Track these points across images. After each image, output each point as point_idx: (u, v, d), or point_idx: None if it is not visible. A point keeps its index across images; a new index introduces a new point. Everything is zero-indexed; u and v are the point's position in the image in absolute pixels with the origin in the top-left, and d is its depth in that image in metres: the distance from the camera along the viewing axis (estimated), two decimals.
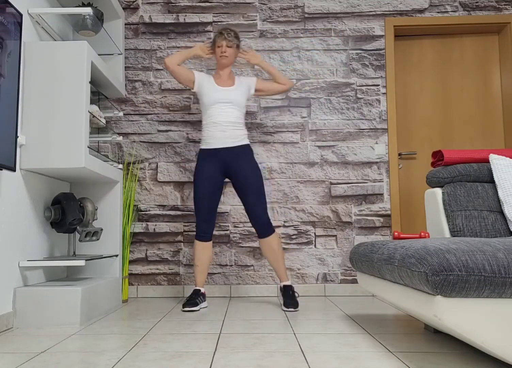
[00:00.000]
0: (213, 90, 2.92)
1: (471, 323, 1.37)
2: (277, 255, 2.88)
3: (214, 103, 2.91)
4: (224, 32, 2.93)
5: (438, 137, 3.67)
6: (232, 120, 2.90)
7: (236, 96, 2.92)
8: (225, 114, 2.89)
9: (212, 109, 2.91)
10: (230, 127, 2.90)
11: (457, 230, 2.24)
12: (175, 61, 2.93)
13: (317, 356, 1.73)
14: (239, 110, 2.94)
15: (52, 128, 2.48)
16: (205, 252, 2.91)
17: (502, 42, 3.66)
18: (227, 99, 2.91)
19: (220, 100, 2.90)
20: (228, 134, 2.89)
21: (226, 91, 2.92)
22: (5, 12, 2.27)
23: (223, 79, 3.00)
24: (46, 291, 2.40)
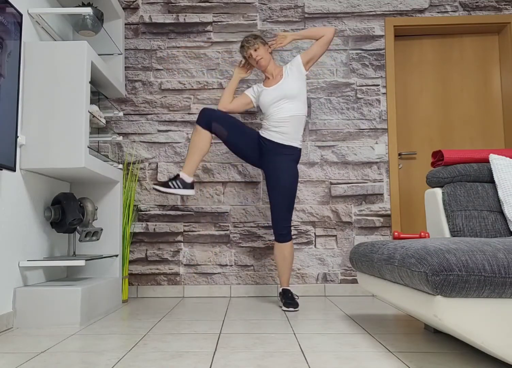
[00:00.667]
0: (265, 96, 2.90)
1: (471, 323, 1.37)
2: (287, 262, 2.87)
3: (269, 106, 2.89)
4: (244, 43, 2.93)
5: (438, 137, 3.67)
6: (285, 116, 2.84)
7: (286, 89, 2.85)
8: (279, 112, 2.85)
9: (270, 110, 2.89)
10: (281, 124, 2.85)
11: (457, 230, 2.24)
12: (227, 102, 2.95)
13: (317, 356, 1.73)
14: (293, 101, 2.85)
15: (52, 128, 2.48)
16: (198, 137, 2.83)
17: (502, 42, 3.66)
18: (278, 96, 2.86)
19: (273, 100, 2.87)
20: (278, 130, 2.85)
21: (275, 89, 2.88)
22: (5, 12, 2.27)
23: (270, 79, 2.98)
24: (46, 291, 2.40)
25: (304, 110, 2.90)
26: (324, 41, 2.88)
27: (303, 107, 2.89)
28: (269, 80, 2.98)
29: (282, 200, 2.81)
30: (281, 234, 2.83)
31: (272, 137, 2.87)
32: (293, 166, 2.86)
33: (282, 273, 2.89)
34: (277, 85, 2.91)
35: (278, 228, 2.83)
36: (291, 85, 2.86)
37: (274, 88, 2.90)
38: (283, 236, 2.83)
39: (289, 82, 2.88)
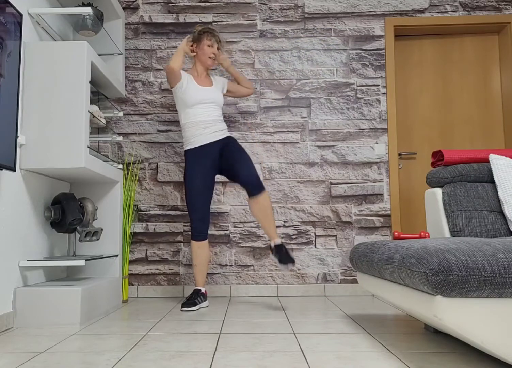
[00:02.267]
0: (196, 90, 2.93)
1: (471, 323, 1.37)
2: (268, 213, 2.84)
3: (197, 103, 2.92)
4: (216, 34, 2.96)
5: (438, 137, 3.67)
6: (214, 118, 2.95)
7: (217, 95, 2.99)
8: (207, 114, 2.93)
9: (194, 108, 2.93)
10: (213, 125, 2.94)
11: (457, 230, 2.24)
12: (180, 64, 2.93)
13: (317, 356, 1.73)
14: (219, 108, 3.01)
15: (52, 128, 2.48)
16: (202, 251, 2.92)
17: (502, 42, 3.66)
18: (210, 99, 2.94)
19: (203, 100, 2.93)
20: (211, 129, 2.93)
21: (208, 91, 2.96)
22: (5, 12, 2.27)
23: (202, 79, 3.03)
24: (46, 291, 2.40)
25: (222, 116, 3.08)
26: (245, 93, 3.19)
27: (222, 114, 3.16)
28: (199, 78, 3.02)
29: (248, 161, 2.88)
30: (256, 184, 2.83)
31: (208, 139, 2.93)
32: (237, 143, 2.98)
33: (267, 226, 2.84)
34: (210, 88, 2.99)
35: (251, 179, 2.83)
36: (220, 95, 3.03)
37: (207, 89, 2.97)
38: (259, 186, 2.83)
39: (218, 91, 3.03)
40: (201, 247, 2.91)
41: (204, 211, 2.90)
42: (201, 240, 2.91)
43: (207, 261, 2.95)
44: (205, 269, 2.95)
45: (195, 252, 2.92)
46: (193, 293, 2.88)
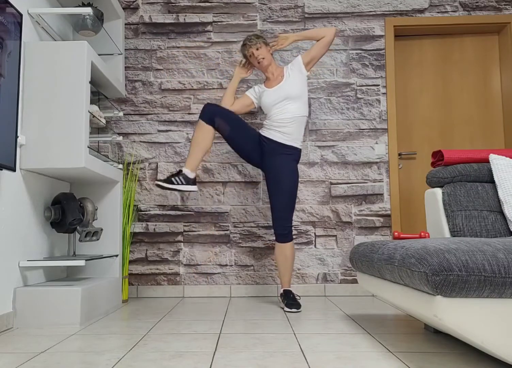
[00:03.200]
0: (266, 97, 2.90)
1: (471, 323, 1.37)
2: (288, 263, 2.85)
3: (271, 107, 2.89)
4: (246, 42, 2.93)
5: (438, 137, 3.67)
6: (287, 117, 2.85)
7: (287, 89, 2.86)
8: (281, 112, 2.86)
9: (272, 111, 2.89)
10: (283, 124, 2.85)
11: (457, 230, 2.24)
12: (228, 104, 2.94)
13: (317, 356, 1.73)
14: (295, 102, 2.85)
15: (52, 128, 2.48)
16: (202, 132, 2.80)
17: (502, 42, 3.66)
18: (280, 97, 2.86)
19: (274, 101, 2.87)
20: (280, 130, 2.86)
21: (277, 90, 2.89)
22: (5, 12, 2.27)
23: (271, 80, 2.98)
24: (46, 291, 2.40)
25: (306, 111, 2.90)
26: (325, 42, 2.89)
27: (304, 108, 2.89)
28: (270, 81, 2.98)
29: (283, 199, 2.80)
30: (282, 234, 2.82)
31: (274, 136, 2.87)
32: (294, 165, 2.86)
33: (283, 273, 2.88)
34: (278, 86, 2.91)
35: (279, 227, 2.81)
36: (292, 86, 2.86)
37: (276, 89, 2.90)
38: (284, 236, 2.82)
39: (290, 83, 2.88)
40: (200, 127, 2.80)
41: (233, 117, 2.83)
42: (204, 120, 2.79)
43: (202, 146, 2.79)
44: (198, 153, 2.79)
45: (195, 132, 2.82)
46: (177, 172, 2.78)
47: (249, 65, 3.04)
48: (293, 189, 2.82)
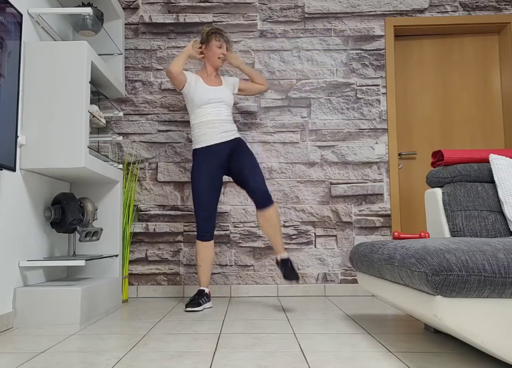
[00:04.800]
0: (204, 90, 2.94)
1: (471, 323, 1.37)
2: (276, 228, 2.84)
3: (205, 103, 2.92)
4: (224, 34, 2.97)
5: (438, 137, 3.67)
6: (223, 118, 2.95)
7: (226, 95, 2.98)
8: (216, 113, 2.93)
9: (203, 108, 2.93)
10: (222, 124, 2.93)
11: (457, 230, 2.24)
12: (180, 68, 2.93)
13: (317, 356, 1.73)
14: (229, 108, 3.00)
15: (52, 128, 2.48)
16: (207, 251, 2.91)
17: (502, 42, 3.66)
18: (219, 99, 2.94)
19: (212, 100, 2.93)
20: (220, 129, 2.92)
21: (217, 91, 2.96)
22: (5, 12, 2.27)
23: (211, 79, 3.04)
24: (46, 291, 2.40)
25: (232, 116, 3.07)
26: (260, 89, 3.17)
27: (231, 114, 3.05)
28: (208, 78, 3.03)
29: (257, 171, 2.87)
30: (264, 197, 2.81)
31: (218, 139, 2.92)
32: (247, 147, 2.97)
33: (274, 240, 2.84)
34: (218, 87, 2.99)
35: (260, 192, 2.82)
36: (229, 94, 3.02)
37: (216, 89, 2.97)
38: (267, 200, 2.82)
39: (227, 91, 3.02)
40: (206, 247, 2.90)
41: (210, 210, 2.89)
42: (206, 240, 2.90)
43: (211, 261, 2.94)
44: (210, 269, 2.94)
45: (200, 252, 2.91)
46: (197, 294, 2.88)
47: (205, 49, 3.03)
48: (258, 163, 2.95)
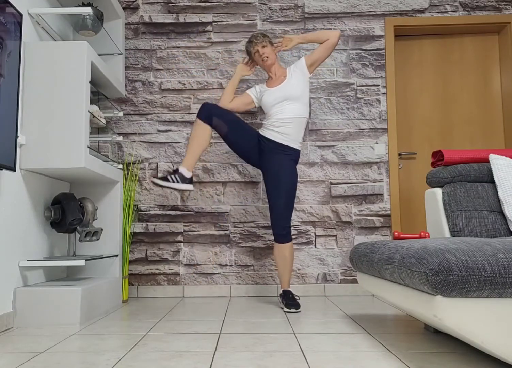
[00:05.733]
0: (267, 96, 2.90)
1: (471, 323, 1.37)
2: (287, 263, 2.85)
3: (271, 107, 2.89)
4: (252, 39, 2.93)
5: (438, 137, 3.67)
6: (286, 116, 2.84)
7: (289, 90, 2.86)
8: (280, 112, 2.86)
9: (271, 110, 2.89)
10: (282, 124, 2.85)
11: (457, 230, 2.24)
12: (227, 100, 2.93)
13: (317, 356, 1.73)
14: (296, 103, 2.85)
15: (52, 128, 2.48)
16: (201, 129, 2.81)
17: (502, 42, 3.66)
18: (281, 97, 2.86)
19: (275, 101, 2.87)
20: (279, 130, 2.85)
21: (278, 90, 2.88)
22: (5, 12, 2.27)
23: (273, 80, 2.98)
24: (46, 291, 2.40)
25: (306, 113, 2.90)
26: (329, 45, 2.88)
27: (305, 109, 2.89)
28: (272, 81, 2.98)
29: (282, 200, 2.80)
30: (281, 234, 2.81)
31: (273, 136, 2.87)
32: (293, 166, 2.86)
33: (282, 274, 2.87)
34: (280, 86, 2.91)
35: (278, 228, 2.81)
36: (294, 86, 2.87)
37: (277, 89, 2.90)
38: (283, 236, 2.82)
39: (292, 83, 2.88)
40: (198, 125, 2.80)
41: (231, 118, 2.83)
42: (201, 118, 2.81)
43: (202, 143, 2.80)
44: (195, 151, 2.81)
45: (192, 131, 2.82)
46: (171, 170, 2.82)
47: (251, 63, 3.04)
48: (291, 189, 2.82)
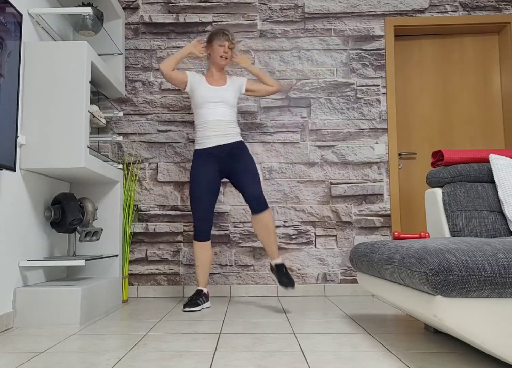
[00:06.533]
0: (205, 90, 2.93)
1: (471, 323, 1.37)
2: (270, 232, 2.84)
3: (205, 103, 2.92)
4: (228, 33, 2.95)
5: (438, 137, 3.67)
6: (224, 119, 2.92)
7: (228, 95, 2.94)
8: (216, 113, 2.91)
9: (204, 108, 2.92)
10: (222, 126, 2.91)
11: (457, 230, 2.24)
12: (170, 66, 2.93)
13: (317, 356, 1.73)
14: (230, 108, 2.96)
15: (52, 128, 2.48)
16: (204, 251, 2.91)
17: (502, 42, 3.66)
18: (219, 98, 2.92)
19: (212, 99, 2.91)
20: (220, 132, 2.90)
21: (218, 90, 2.94)
22: (5, 12, 2.27)
23: (215, 79, 3.02)
24: (46, 291, 2.40)
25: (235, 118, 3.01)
26: (270, 90, 3.07)
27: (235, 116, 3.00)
28: (212, 79, 3.01)
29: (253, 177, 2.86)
30: (258, 202, 2.81)
31: (217, 142, 2.90)
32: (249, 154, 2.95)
33: (268, 245, 2.85)
34: (221, 87, 2.97)
35: (254, 197, 2.81)
36: (232, 94, 2.98)
37: (218, 89, 2.95)
38: (261, 204, 2.82)
39: (231, 91, 2.98)
40: (202, 247, 2.91)
41: (206, 211, 2.89)
42: (202, 240, 2.90)
43: (209, 261, 2.94)
44: (207, 269, 2.95)
45: (197, 252, 2.92)
46: (195, 294, 2.88)
47: (204, 49, 3.04)
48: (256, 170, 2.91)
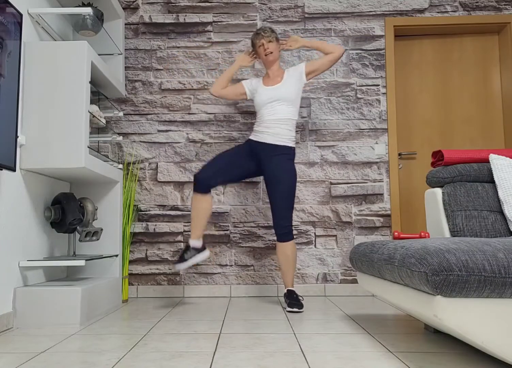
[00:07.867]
0: (260, 92, 2.92)
1: (471, 323, 1.37)
2: (290, 263, 2.85)
3: (263, 105, 2.90)
4: (260, 31, 2.94)
5: (438, 137, 3.67)
6: (279, 118, 2.86)
7: (283, 92, 2.87)
8: (273, 113, 2.87)
9: (262, 109, 2.91)
10: (275, 125, 2.87)
11: (457, 230, 2.24)
12: (219, 87, 2.95)
13: (317, 356, 1.73)
14: (289, 105, 2.88)
15: (52, 128, 2.48)
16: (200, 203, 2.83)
17: (502, 42, 3.66)
18: (274, 97, 2.87)
19: (268, 101, 2.89)
20: (270, 130, 2.87)
21: (272, 90, 2.90)
22: (5, 12, 2.27)
23: (271, 78, 2.99)
24: (46, 291, 2.40)
25: (297, 115, 2.94)
26: (332, 58, 2.91)
27: (296, 112, 2.93)
28: (268, 79, 2.99)
29: (283, 199, 2.81)
30: (283, 233, 2.82)
31: (265, 139, 2.89)
32: (290, 164, 2.87)
33: (285, 273, 2.87)
34: (276, 86, 2.92)
35: (280, 227, 2.82)
36: (289, 89, 2.89)
37: (272, 89, 2.91)
38: (285, 235, 2.82)
39: (288, 86, 2.90)
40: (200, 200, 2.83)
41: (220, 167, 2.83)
42: (201, 192, 2.83)
43: (204, 212, 2.83)
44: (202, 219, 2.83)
45: (193, 203, 2.85)
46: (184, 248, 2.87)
47: (253, 55, 3.06)
48: (291, 188, 2.83)
